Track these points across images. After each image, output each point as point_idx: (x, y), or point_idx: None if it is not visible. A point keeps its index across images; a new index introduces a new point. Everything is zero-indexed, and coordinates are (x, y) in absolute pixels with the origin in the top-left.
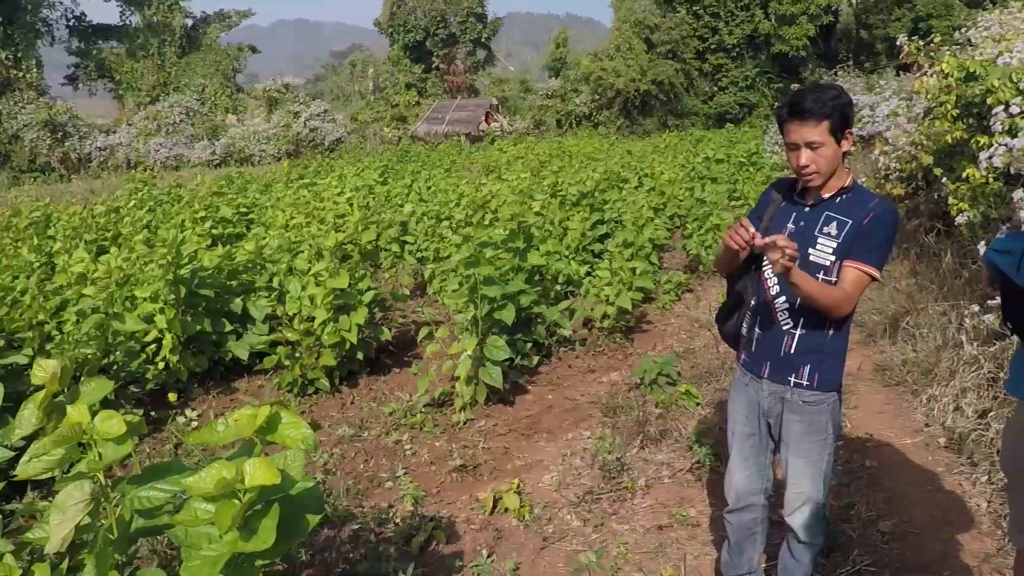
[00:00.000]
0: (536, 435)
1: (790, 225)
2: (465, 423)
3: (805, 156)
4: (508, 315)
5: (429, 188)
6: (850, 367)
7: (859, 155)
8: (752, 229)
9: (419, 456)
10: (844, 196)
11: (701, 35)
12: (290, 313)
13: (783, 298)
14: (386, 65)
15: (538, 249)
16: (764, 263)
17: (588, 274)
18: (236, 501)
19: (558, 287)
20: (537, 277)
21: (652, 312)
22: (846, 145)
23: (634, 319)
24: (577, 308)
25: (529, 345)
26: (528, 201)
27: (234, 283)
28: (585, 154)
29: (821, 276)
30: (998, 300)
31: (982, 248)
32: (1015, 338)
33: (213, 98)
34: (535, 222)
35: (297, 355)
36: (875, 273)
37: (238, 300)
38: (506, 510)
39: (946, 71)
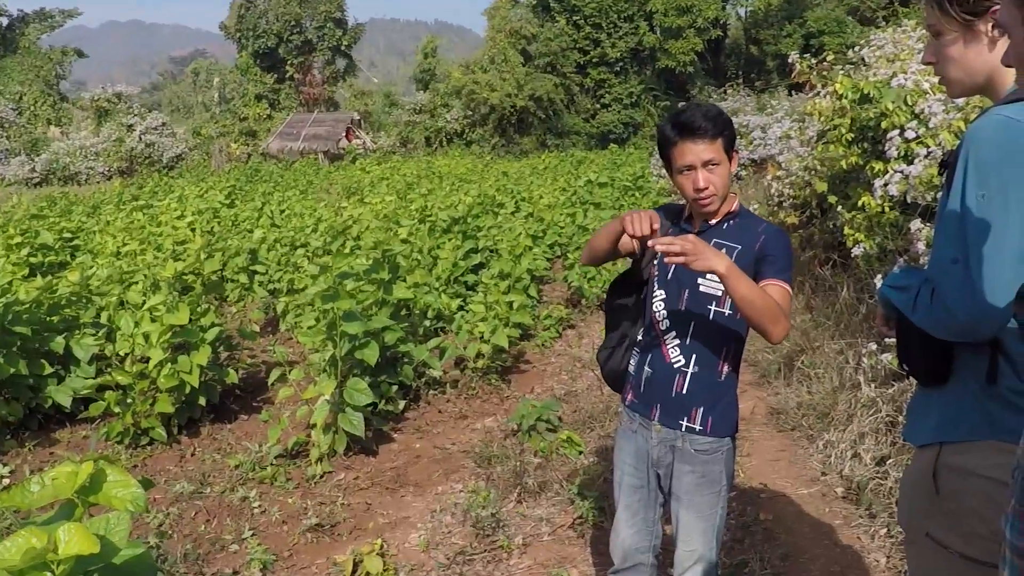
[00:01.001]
0: (402, 489)
1: None
2: (322, 476)
3: (703, 177)
4: (371, 354)
5: (282, 212)
6: (743, 411)
7: (751, 180)
8: (658, 224)
9: (269, 515)
10: (732, 222)
11: (582, 47)
12: (121, 353)
13: (673, 333)
14: (234, 74)
15: (405, 281)
16: (655, 290)
17: (460, 308)
18: (48, 575)
19: (427, 323)
20: (404, 312)
21: (531, 350)
22: (734, 166)
23: (511, 358)
24: (448, 346)
25: (395, 388)
26: (394, 227)
27: (55, 319)
28: (457, 175)
29: (713, 308)
30: (894, 340)
31: (879, 282)
32: (913, 380)
33: (32, 107)
34: (401, 250)
35: (129, 401)
36: (790, 289)
37: (60, 338)
38: (368, 574)
39: (840, 92)
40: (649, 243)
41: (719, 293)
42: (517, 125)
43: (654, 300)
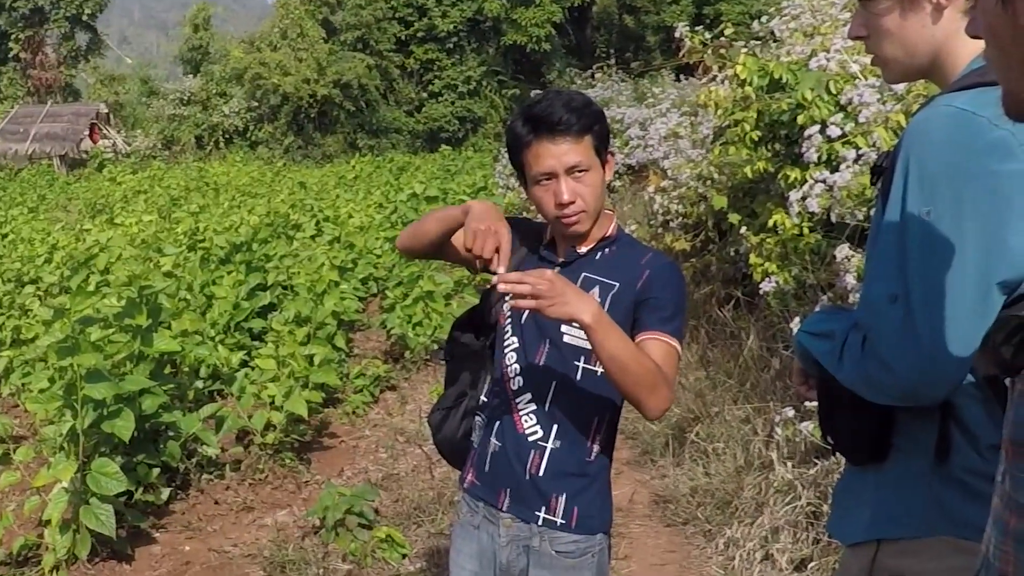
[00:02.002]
0: None
1: None
2: None
3: (568, 188)
4: (124, 427)
5: (4, 237)
6: (620, 499)
7: (627, 192)
8: (508, 245)
9: None
10: (607, 250)
11: (403, 17)
12: None
13: (529, 395)
14: None
15: (169, 328)
16: (506, 337)
17: (244, 364)
18: None
19: (200, 384)
20: (168, 369)
21: (338, 420)
22: (608, 173)
23: (312, 431)
24: (228, 415)
25: (156, 471)
26: (154, 257)
27: None
28: (239, 187)
29: (582, 364)
30: (816, 404)
31: (796, 328)
32: (842, 458)
33: None
34: (165, 287)
35: None
36: (679, 347)
37: None
38: None
39: (742, 77)
40: (493, 279)
41: (589, 346)
42: (318, 120)
43: (505, 351)
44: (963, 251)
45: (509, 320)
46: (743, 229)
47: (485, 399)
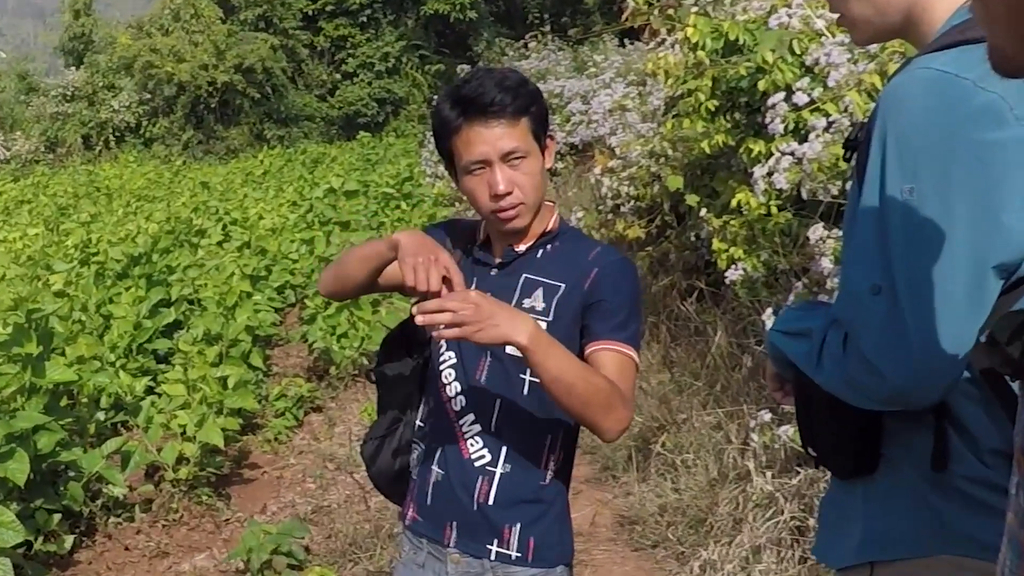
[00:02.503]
0: None
1: None
2: None
3: (504, 177)
4: (18, 470)
5: None
6: (580, 523)
7: (570, 175)
8: (456, 271)
9: None
10: (550, 246)
11: None
12: None
13: (472, 416)
14: None
15: (64, 355)
16: (442, 353)
17: (150, 391)
18: None
19: (101, 416)
20: (65, 402)
21: (258, 448)
22: (548, 159)
23: (230, 462)
24: (134, 450)
25: (58, 517)
26: (43, 275)
27: None
28: (134, 191)
29: (528, 377)
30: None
31: (768, 322)
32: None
33: None
34: (56, 309)
35: None
36: (636, 357)
37: None
38: None
39: (694, 40)
40: (414, 311)
41: (531, 368)
42: (220, 111)
43: (442, 368)
44: (953, 233)
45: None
46: (703, 211)
47: (423, 424)
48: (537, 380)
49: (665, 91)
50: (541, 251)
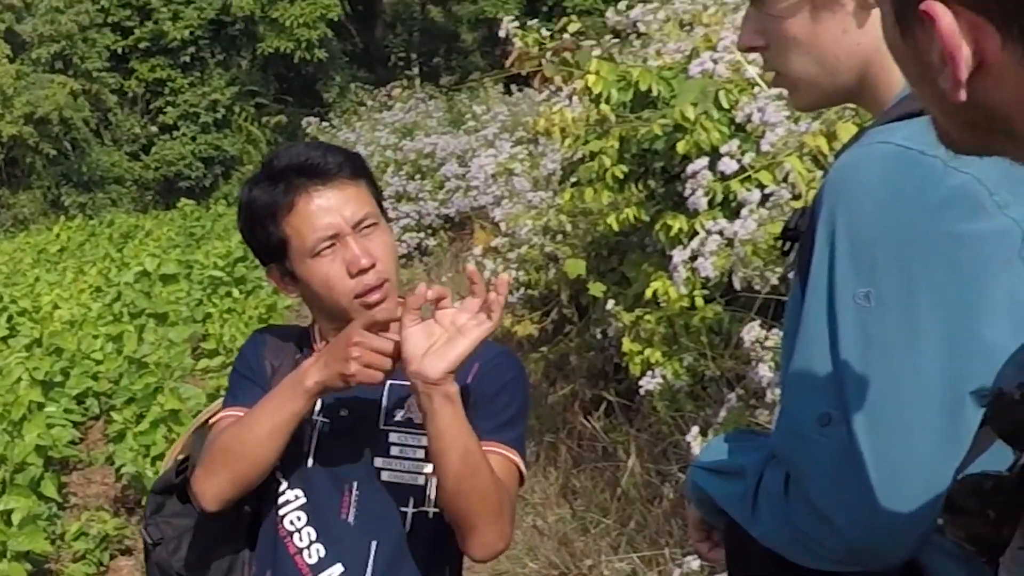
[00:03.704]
0: None
1: (319, 420)
2: None
3: (362, 249)
4: None
5: None
6: None
7: (444, 255)
8: (397, 345)
9: None
10: None
11: (119, 23)
12: None
13: (337, 567)
14: None
15: None
16: (281, 492)
17: None
18: None
19: None
20: None
21: None
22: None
23: None
24: None
25: None
26: None
27: None
28: None
29: (411, 509)
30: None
31: (694, 445)
32: None
33: None
34: None
35: None
36: (522, 467)
37: None
38: None
39: (596, 90)
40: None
41: (419, 482)
42: (5, 172)
43: (284, 513)
44: (920, 349)
45: (279, 467)
46: (611, 303)
47: None
48: (424, 510)
49: (562, 152)
50: None
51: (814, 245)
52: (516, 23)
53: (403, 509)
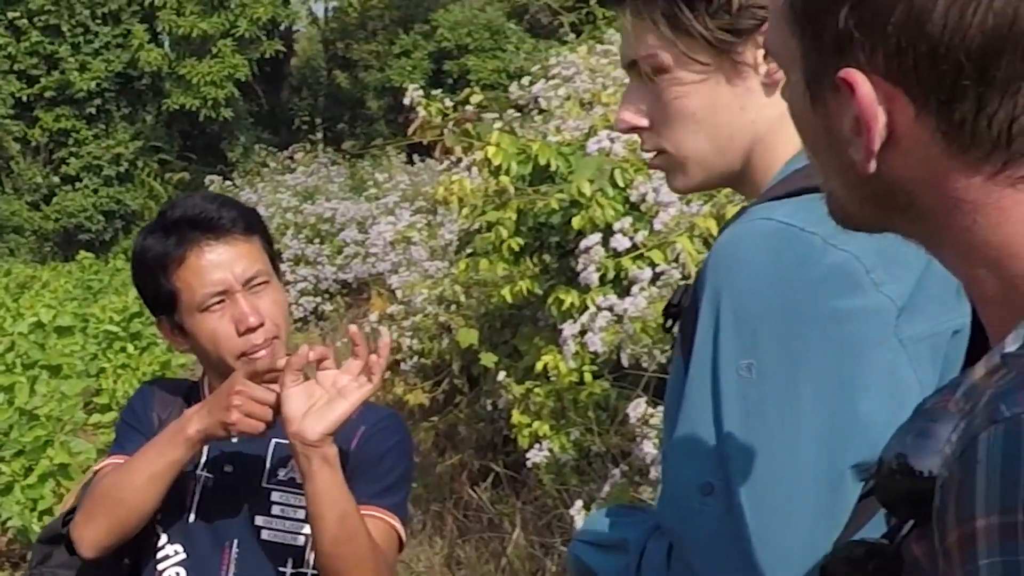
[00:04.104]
0: None
1: (202, 475)
2: None
3: (251, 307)
4: None
5: None
6: None
7: (340, 321)
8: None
9: None
10: None
11: (24, 71)
12: None
13: None
14: None
15: None
16: (160, 546)
17: None
18: None
19: None
20: None
21: None
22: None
23: None
24: None
25: None
26: None
27: None
28: None
29: (289, 569)
30: None
31: (577, 518)
32: None
33: None
34: None
35: None
36: (402, 533)
37: None
38: None
39: (496, 162)
40: (280, 362)
41: (301, 540)
42: None
43: (163, 569)
44: (799, 424)
45: (161, 520)
46: (502, 375)
47: None
48: (302, 572)
49: (460, 223)
50: None
51: (697, 320)
52: (421, 92)
53: (281, 569)
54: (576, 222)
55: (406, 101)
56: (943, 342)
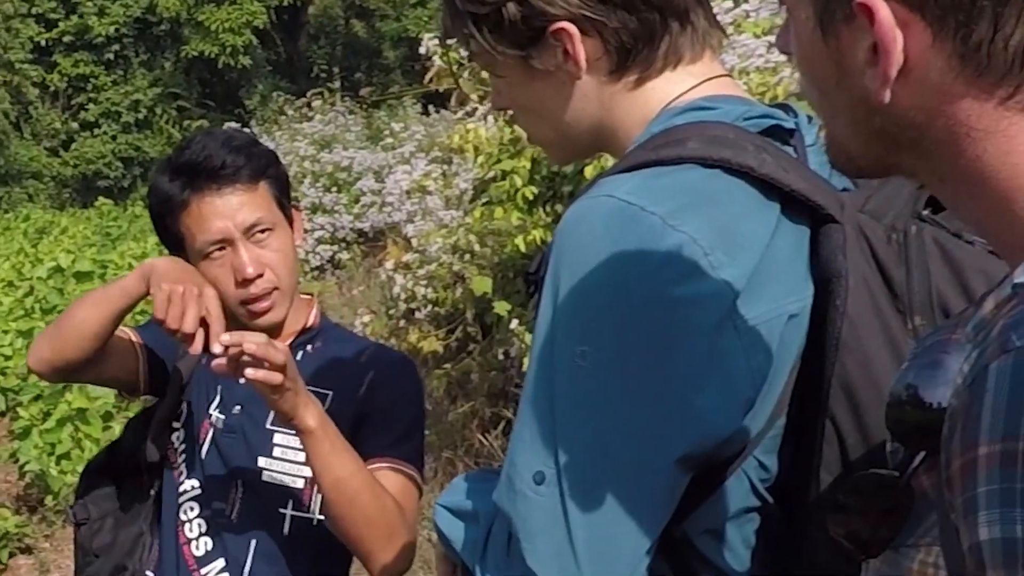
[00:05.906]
0: None
1: (215, 415)
2: None
3: (250, 257)
4: None
5: None
6: None
7: (357, 269)
8: (219, 312)
9: None
10: (309, 347)
11: (43, 15)
12: None
13: (220, 561)
14: None
15: None
16: (181, 482)
17: None
18: None
19: None
20: None
21: None
22: (298, 232)
23: None
24: None
25: None
26: None
27: None
28: None
29: (289, 511)
30: None
31: None
32: None
33: None
34: None
35: None
36: (419, 479)
37: None
38: None
39: None
40: (214, 347)
41: (300, 483)
42: None
43: (181, 500)
44: (631, 415)
45: (183, 455)
46: (514, 323)
47: (153, 575)
48: (302, 515)
49: (474, 172)
50: (300, 353)
51: (542, 297)
52: (437, 43)
53: (282, 511)
54: (588, 171)
55: (422, 50)
56: (779, 325)
